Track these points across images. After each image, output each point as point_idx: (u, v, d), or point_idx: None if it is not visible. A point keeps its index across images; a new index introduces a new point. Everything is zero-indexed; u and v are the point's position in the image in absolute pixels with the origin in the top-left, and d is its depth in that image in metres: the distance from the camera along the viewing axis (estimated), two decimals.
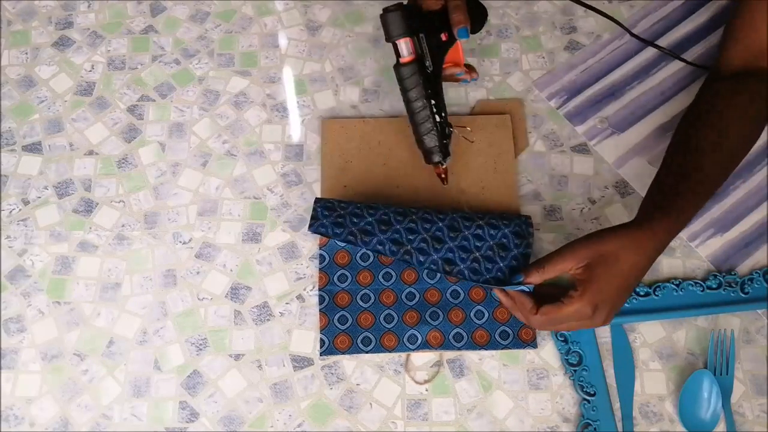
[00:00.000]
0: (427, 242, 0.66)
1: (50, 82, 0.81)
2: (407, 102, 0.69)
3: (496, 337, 0.68)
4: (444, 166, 0.72)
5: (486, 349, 0.68)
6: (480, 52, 0.83)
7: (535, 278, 0.61)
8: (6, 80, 0.81)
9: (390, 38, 0.67)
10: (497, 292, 0.64)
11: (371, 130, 0.77)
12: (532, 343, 0.68)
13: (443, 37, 0.70)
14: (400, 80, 0.68)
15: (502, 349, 0.68)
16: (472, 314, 0.69)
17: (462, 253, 0.66)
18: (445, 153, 0.71)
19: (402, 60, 0.68)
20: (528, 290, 0.61)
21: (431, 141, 0.70)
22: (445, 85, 0.72)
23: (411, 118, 0.70)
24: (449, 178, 0.73)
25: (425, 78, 0.68)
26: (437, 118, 0.69)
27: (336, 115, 0.79)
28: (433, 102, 0.69)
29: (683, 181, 0.63)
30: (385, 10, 0.67)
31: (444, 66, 0.72)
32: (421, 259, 0.66)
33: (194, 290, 0.71)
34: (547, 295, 0.62)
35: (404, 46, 0.67)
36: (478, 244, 0.66)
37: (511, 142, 0.77)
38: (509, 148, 0.76)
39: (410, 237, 0.66)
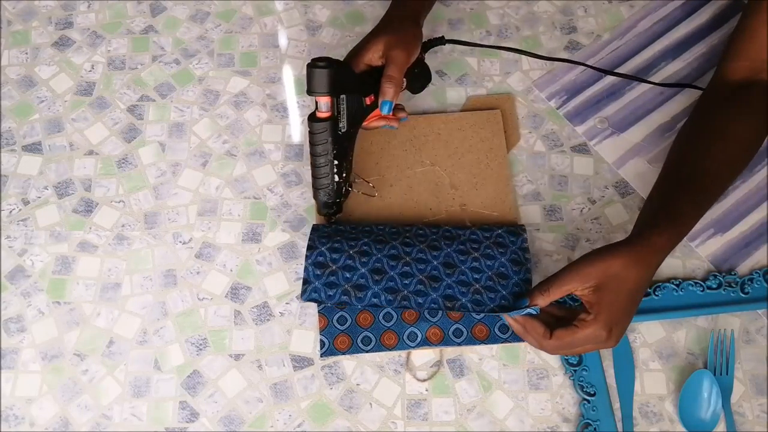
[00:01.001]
0: (424, 283, 0.65)
1: (50, 82, 0.81)
2: (311, 154, 0.67)
3: (496, 331, 0.68)
4: (333, 220, 0.72)
5: (486, 344, 0.68)
6: (480, 53, 0.83)
7: (541, 301, 0.60)
8: (6, 80, 0.81)
9: (310, 93, 0.63)
10: (507, 319, 0.63)
11: (362, 131, 0.77)
12: None
13: (368, 101, 0.68)
14: (309, 133, 0.66)
15: (502, 342, 0.68)
16: None
17: (462, 288, 0.65)
18: (337, 210, 0.71)
19: (317, 114, 0.65)
20: (535, 312, 0.61)
21: (325, 197, 0.69)
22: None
23: (312, 170, 0.68)
24: (443, 176, 0.73)
25: (335, 138, 0.65)
26: (336, 178, 0.68)
27: None
28: (336, 162, 0.67)
29: (684, 189, 0.63)
30: (313, 64, 0.62)
31: (369, 118, 0.70)
32: (420, 300, 0.65)
33: (194, 290, 0.71)
34: (556, 317, 0.62)
35: (322, 103, 0.64)
36: (477, 276, 0.66)
37: (503, 137, 0.77)
38: (501, 143, 0.76)
39: (405, 282, 0.65)
